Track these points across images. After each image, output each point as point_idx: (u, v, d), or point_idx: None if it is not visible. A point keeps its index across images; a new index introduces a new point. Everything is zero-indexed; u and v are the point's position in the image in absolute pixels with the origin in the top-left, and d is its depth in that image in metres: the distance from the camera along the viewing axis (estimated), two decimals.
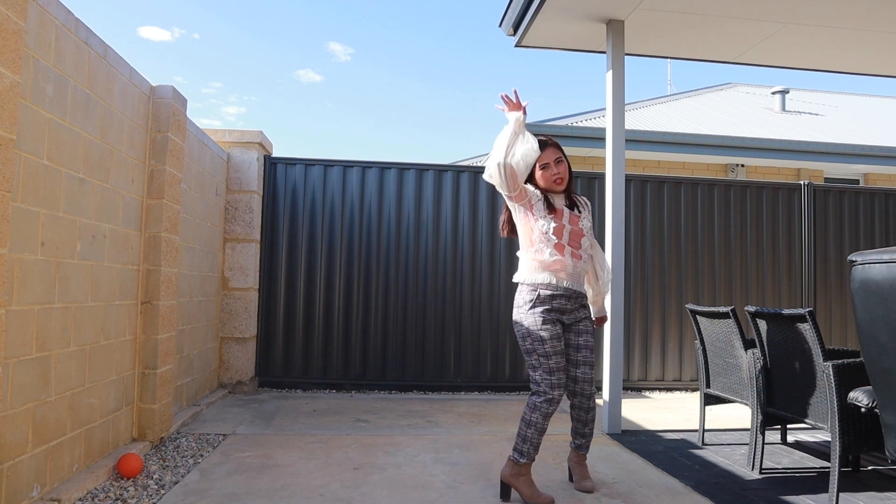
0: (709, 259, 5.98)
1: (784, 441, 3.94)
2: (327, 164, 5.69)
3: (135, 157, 3.41)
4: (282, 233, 5.60)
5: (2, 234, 2.13)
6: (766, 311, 3.15)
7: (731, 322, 3.47)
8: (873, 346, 1.77)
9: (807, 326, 2.88)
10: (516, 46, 4.75)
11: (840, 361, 2.72)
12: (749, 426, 3.80)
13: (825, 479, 3.12)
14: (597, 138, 8.72)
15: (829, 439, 3.28)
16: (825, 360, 2.78)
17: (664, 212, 5.95)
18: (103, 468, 2.92)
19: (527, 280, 2.79)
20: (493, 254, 5.72)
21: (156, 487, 2.86)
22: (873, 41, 4.58)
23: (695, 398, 5.29)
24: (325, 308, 5.57)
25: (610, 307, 4.09)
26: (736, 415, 4.63)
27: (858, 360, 2.75)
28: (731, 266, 5.99)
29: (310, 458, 3.36)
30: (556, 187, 2.83)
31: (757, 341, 3.28)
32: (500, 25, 4.71)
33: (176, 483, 2.92)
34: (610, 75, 4.25)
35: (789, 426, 4.10)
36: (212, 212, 4.94)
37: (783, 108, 12.63)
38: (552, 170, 2.81)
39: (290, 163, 5.67)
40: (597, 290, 3.00)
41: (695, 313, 3.87)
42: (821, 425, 2.85)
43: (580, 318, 2.86)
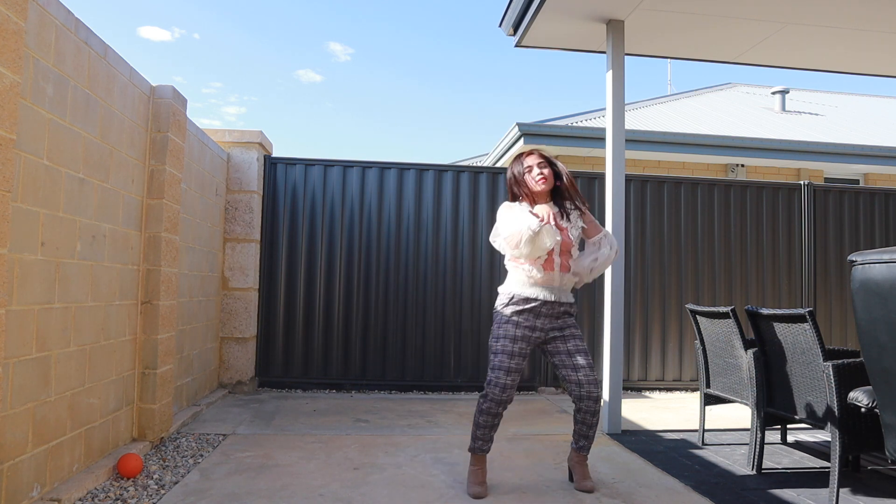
0: (709, 259, 5.98)
1: (784, 441, 3.94)
2: (327, 164, 5.69)
3: (135, 157, 3.41)
4: (282, 233, 5.60)
5: (2, 234, 2.13)
6: (766, 312, 3.15)
7: (731, 322, 3.47)
8: (873, 346, 1.77)
9: (807, 326, 2.88)
10: (516, 46, 4.75)
11: (840, 361, 2.72)
12: (749, 426, 3.80)
13: (825, 478, 3.12)
14: (597, 138, 8.72)
15: (829, 439, 3.28)
16: (825, 360, 2.78)
17: (664, 212, 5.96)
18: (103, 468, 2.92)
19: (513, 291, 2.81)
20: (493, 254, 5.71)
21: (156, 487, 2.86)
22: (873, 41, 4.58)
23: (695, 398, 5.29)
24: (325, 308, 5.58)
25: (610, 307, 4.10)
26: (736, 415, 4.63)
27: (858, 360, 2.75)
28: (731, 266, 6.00)
29: (310, 458, 3.36)
30: (538, 187, 2.82)
31: (757, 341, 3.29)
32: (500, 25, 4.71)
33: (176, 483, 2.92)
34: (610, 75, 4.25)
35: (789, 426, 4.11)
36: (212, 212, 4.94)
37: (783, 108, 12.63)
38: (535, 170, 2.83)
39: (290, 163, 5.67)
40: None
41: (695, 313, 3.87)
42: (821, 425, 2.85)
43: (566, 325, 2.86)
